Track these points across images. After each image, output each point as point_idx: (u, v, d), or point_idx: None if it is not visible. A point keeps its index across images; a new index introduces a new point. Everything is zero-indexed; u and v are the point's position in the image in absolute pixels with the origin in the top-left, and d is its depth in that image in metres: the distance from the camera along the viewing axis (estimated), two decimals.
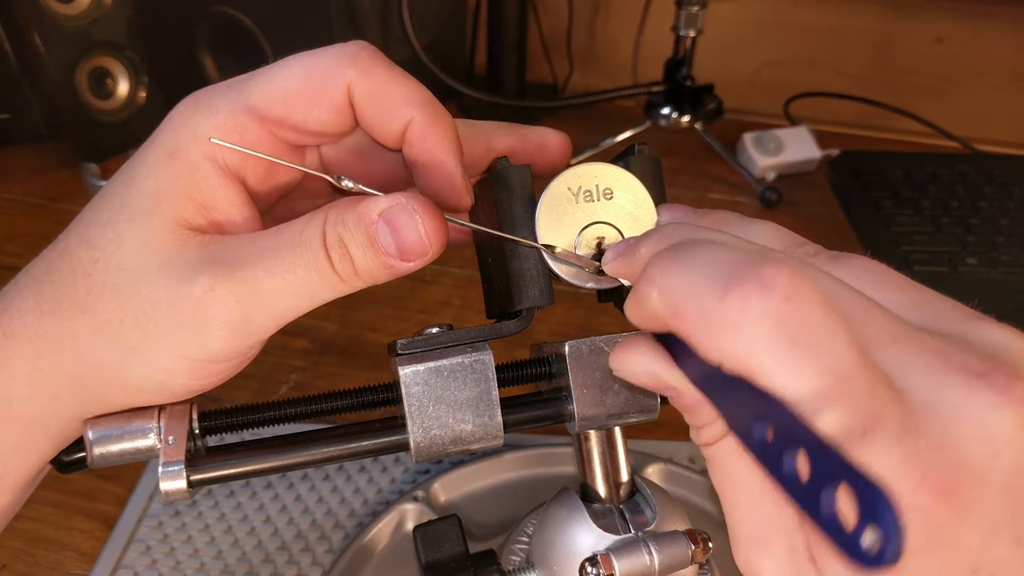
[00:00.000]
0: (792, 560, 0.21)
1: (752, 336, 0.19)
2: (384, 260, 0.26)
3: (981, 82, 0.93)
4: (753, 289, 0.19)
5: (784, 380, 0.18)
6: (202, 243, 0.27)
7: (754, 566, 0.22)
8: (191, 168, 0.27)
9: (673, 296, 0.21)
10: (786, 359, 0.19)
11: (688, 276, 0.21)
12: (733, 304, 0.19)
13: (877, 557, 0.15)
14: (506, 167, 0.29)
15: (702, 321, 0.20)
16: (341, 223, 0.26)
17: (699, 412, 0.23)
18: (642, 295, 0.22)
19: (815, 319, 0.19)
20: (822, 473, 0.17)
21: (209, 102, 0.27)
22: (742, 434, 0.20)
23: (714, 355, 0.20)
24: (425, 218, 0.26)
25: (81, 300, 0.27)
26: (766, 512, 0.22)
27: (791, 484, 0.18)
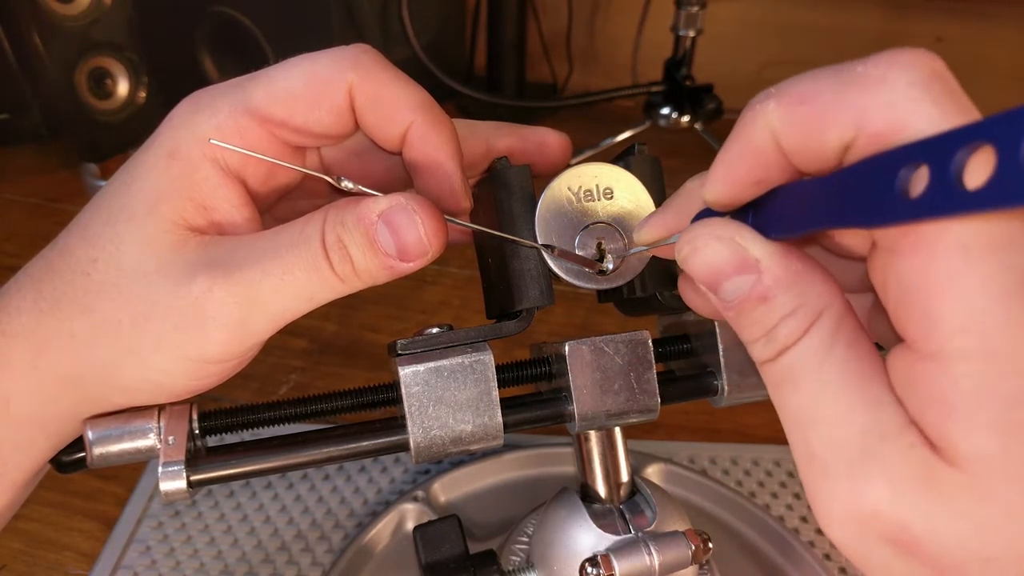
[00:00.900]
0: (910, 459, 0.18)
1: (907, 82, 0.18)
2: (384, 261, 0.26)
3: (981, 82, 0.93)
4: (899, 50, 0.18)
5: (944, 123, 0.17)
6: (201, 244, 0.27)
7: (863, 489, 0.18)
8: (191, 168, 0.27)
9: (798, 87, 0.19)
10: (945, 103, 0.17)
11: (812, 73, 0.19)
12: (880, 60, 0.18)
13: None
14: (506, 167, 0.29)
15: (840, 88, 0.18)
16: (340, 224, 0.26)
17: (778, 298, 0.20)
18: (752, 112, 0.20)
19: (957, 85, 0.18)
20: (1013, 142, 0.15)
21: (210, 102, 0.27)
22: (875, 213, 0.18)
23: (851, 119, 0.18)
24: (425, 218, 0.26)
25: (80, 300, 0.27)
26: (869, 418, 0.19)
27: (958, 200, 0.15)
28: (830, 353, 0.20)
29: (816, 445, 0.20)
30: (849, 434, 0.19)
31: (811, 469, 0.20)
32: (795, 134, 0.19)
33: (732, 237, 0.21)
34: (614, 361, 0.30)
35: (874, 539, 0.19)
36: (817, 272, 0.21)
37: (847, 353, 0.20)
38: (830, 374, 0.19)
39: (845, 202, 0.19)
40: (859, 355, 0.20)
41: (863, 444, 0.19)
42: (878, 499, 0.18)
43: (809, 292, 0.20)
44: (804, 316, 0.20)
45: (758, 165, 0.20)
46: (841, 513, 0.19)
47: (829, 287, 0.20)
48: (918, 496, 0.18)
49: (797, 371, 0.20)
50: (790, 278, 0.20)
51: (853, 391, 0.19)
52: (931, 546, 0.18)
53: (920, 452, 0.18)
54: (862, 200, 0.18)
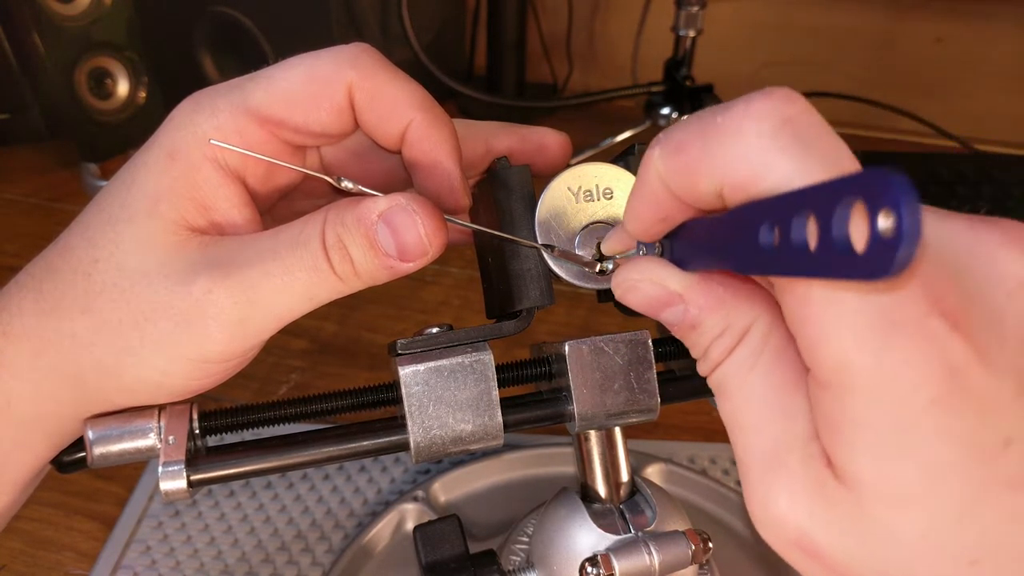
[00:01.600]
0: (807, 469, 0.20)
1: (756, 132, 0.18)
2: (384, 261, 0.26)
3: (981, 82, 0.93)
4: (756, 96, 0.19)
5: (791, 170, 0.18)
6: (201, 244, 0.27)
7: (770, 500, 0.20)
8: (191, 168, 0.27)
9: (675, 136, 0.21)
10: (792, 150, 0.18)
11: (687, 120, 0.21)
12: (736, 110, 0.19)
13: (895, 240, 0.14)
14: (506, 167, 0.29)
15: (705, 140, 0.20)
16: (340, 224, 0.26)
17: (706, 322, 0.22)
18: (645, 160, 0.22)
19: (817, 123, 0.18)
20: (832, 205, 0.15)
21: (210, 103, 0.27)
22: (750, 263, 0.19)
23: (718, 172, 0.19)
24: (425, 218, 0.26)
25: (80, 300, 0.27)
26: (780, 428, 0.20)
27: (805, 259, 0.16)
28: (753, 367, 0.21)
29: (740, 451, 0.22)
30: (764, 442, 0.21)
31: (740, 473, 0.22)
32: (676, 182, 0.21)
33: (651, 277, 0.23)
34: (614, 361, 0.30)
35: (786, 543, 0.20)
36: (743, 292, 0.22)
37: (771, 367, 0.21)
38: (752, 386, 0.21)
39: (727, 248, 0.20)
40: (783, 368, 0.21)
41: (774, 452, 0.20)
42: (782, 507, 0.20)
43: (734, 313, 0.22)
44: (730, 335, 0.22)
45: (658, 206, 0.22)
46: (760, 516, 0.21)
47: (755, 304, 0.22)
48: (815, 507, 0.19)
49: (727, 383, 0.22)
50: (713, 304, 0.22)
51: (771, 402, 0.21)
52: (831, 556, 0.19)
53: (816, 465, 0.19)
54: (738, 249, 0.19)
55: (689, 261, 0.23)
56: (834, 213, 0.15)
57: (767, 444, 0.21)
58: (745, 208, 0.19)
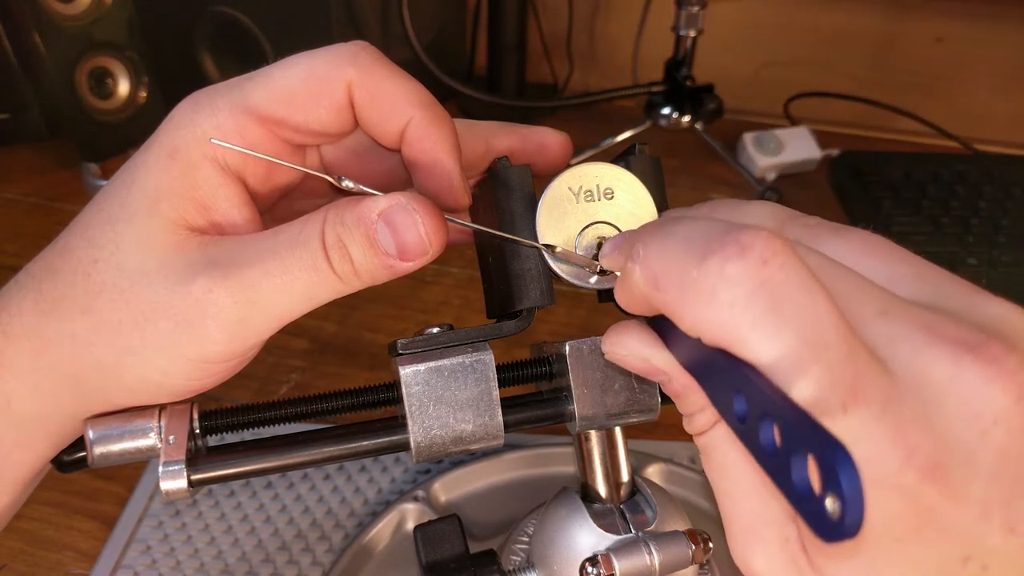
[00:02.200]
0: (784, 551, 0.21)
1: (728, 301, 0.19)
2: (384, 260, 0.26)
3: (981, 82, 0.93)
4: (731, 253, 0.19)
5: (758, 345, 0.18)
6: (201, 244, 0.27)
7: (748, 559, 0.22)
8: (191, 168, 0.27)
9: (653, 268, 0.21)
10: (761, 323, 0.18)
11: (668, 248, 0.21)
12: (710, 269, 0.19)
13: (839, 525, 0.15)
14: (506, 167, 0.29)
15: (681, 291, 0.20)
16: (340, 223, 0.26)
17: (689, 398, 0.23)
18: (627, 273, 0.22)
19: (792, 284, 0.18)
20: (793, 442, 0.16)
21: (209, 102, 0.27)
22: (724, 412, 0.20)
23: (692, 326, 0.20)
24: (425, 218, 0.26)
25: (80, 300, 0.27)
26: (758, 504, 0.22)
27: (768, 458, 0.17)
28: (733, 446, 0.22)
29: (720, 508, 0.23)
30: (742, 511, 0.22)
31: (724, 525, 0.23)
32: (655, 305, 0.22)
33: (636, 353, 0.25)
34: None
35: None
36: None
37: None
38: (733, 461, 0.22)
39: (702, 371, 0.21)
40: None
41: (751, 523, 0.22)
42: (759, 567, 0.22)
43: None
44: (711, 414, 0.23)
45: (642, 304, 0.23)
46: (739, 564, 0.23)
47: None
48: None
49: (709, 451, 0.23)
50: (696, 384, 0.23)
51: (750, 479, 0.22)
52: None
53: (792, 548, 0.21)
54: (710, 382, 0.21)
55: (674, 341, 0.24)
56: (792, 456, 0.16)
57: (745, 514, 0.22)
58: (721, 364, 0.19)
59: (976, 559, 0.18)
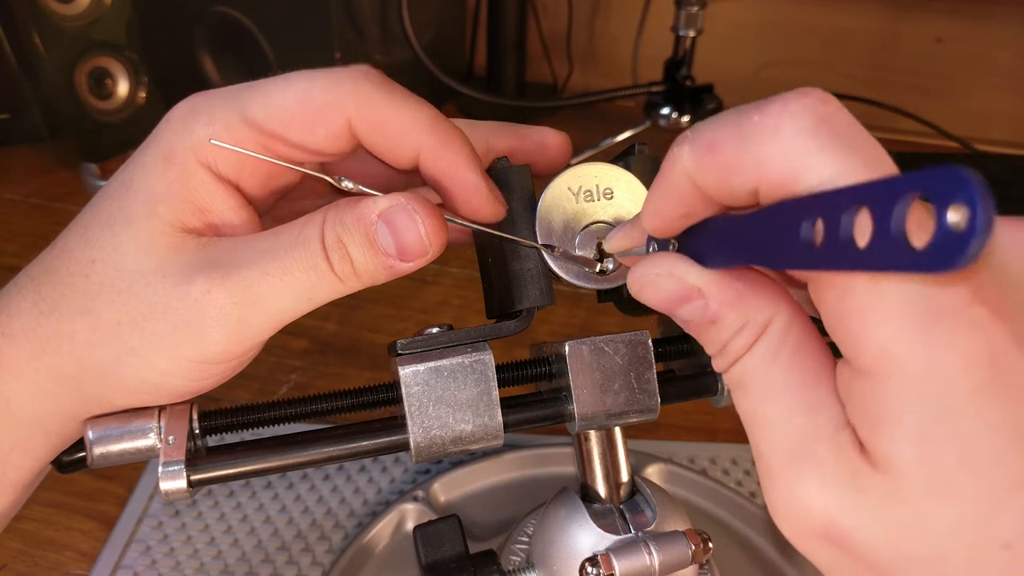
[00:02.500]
0: (838, 457, 0.19)
1: (795, 130, 0.19)
2: (383, 260, 0.26)
3: (981, 82, 0.93)
4: (792, 95, 0.19)
5: (830, 168, 0.18)
6: (200, 245, 0.27)
7: (796, 487, 0.20)
8: (186, 173, 0.27)
9: (707, 135, 0.21)
10: (832, 146, 0.18)
11: (719, 118, 0.21)
12: (773, 108, 0.19)
13: (970, 232, 0.14)
14: (506, 167, 0.29)
15: (740, 139, 0.20)
16: (340, 224, 0.26)
17: (726, 317, 0.22)
18: (671, 158, 0.21)
19: (852, 123, 0.19)
20: (890, 202, 0.15)
21: (207, 109, 0.27)
22: (788, 260, 0.19)
23: (755, 168, 0.19)
24: (425, 218, 0.26)
25: (79, 301, 0.27)
26: (806, 421, 0.20)
27: (857, 255, 0.16)
28: (774, 361, 0.21)
29: (761, 445, 0.21)
30: (787, 435, 0.21)
31: (760, 468, 0.22)
32: (707, 179, 0.21)
33: (671, 272, 0.23)
34: (614, 361, 0.30)
35: (812, 536, 0.20)
36: (761, 287, 0.22)
37: (791, 360, 0.21)
38: (774, 380, 0.21)
39: (759, 245, 0.20)
40: (804, 361, 0.21)
41: (799, 444, 0.20)
42: (810, 496, 0.20)
43: (753, 308, 0.22)
44: (751, 330, 0.22)
45: (681, 202, 0.22)
46: (782, 510, 0.21)
47: (775, 299, 0.22)
48: (846, 494, 0.19)
49: (746, 378, 0.22)
50: (733, 299, 0.22)
51: (794, 395, 0.21)
52: (860, 544, 0.19)
53: (849, 454, 0.19)
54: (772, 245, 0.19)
55: (707, 258, 0.23)
56: (893, 209, 0.15)
57: (791, 436, 0.20)
58: (785, 205, 0.19)
59: None
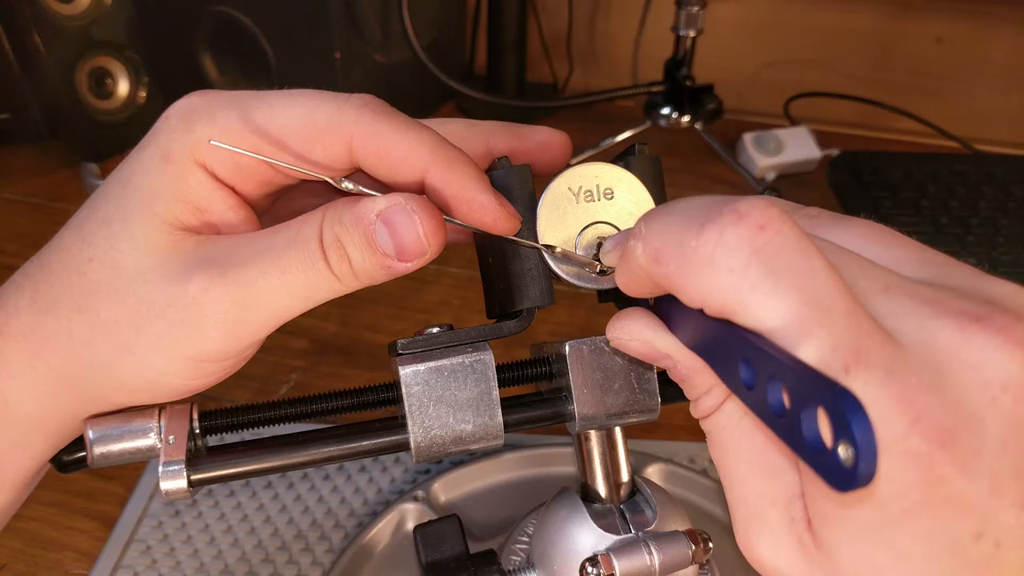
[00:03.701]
0: (790, 532, 0.21)
1: (727, 267, 0.19)
2: (382, 260, 0.26)
3: (981, 82, 0.93)
4: (728, 220, 0.19)
5: (759, 310, 0.18)
6: (198, 243, 0.27)
7: (753, 541, 0.22)
8: (184, 172, 0.27)
9: (654, 243, 0.21)
10: (760, 287, 0.18)
11: (668, 223, 0.21)
12: (709, 237, 0.19)
13: (853, 471, 0.15)
14: (506, 167, 0.29)
15: (681, 262, 0.20)
16: (339, 223, 0.26)
17: (694, 381, 0.24)
18: (629, 251, 0.23)
19: (790, 249, 0.19)
20: (803, 399, 0.16)
21: (208, 110, 0.27)
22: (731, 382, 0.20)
23: (695, 295, 0.20)
24: (424, 218, 0.26)
25: (76, 299, 0.27)
26: (763, 485, 0.22)
27: (778, 420, 0.17)
28: (739, 424, 0.23)
29: (726, 492, 0.23)
30: (747, 493, 0.22)
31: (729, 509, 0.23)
32: (658, 283, 0.22)
33: (642, 338, 0.25)
34: (614, 361, 0.30)
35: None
36: None
37: (755, 427, 0.23)
38: (738, 442, 0.23)
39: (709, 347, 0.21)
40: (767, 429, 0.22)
41: (756, 505, 0.22)
42: (764, 551, 0.22)
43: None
44: (716, 395, 0.23)
45: (644, 283, 0.23)
46: (745, 552, 0.23)
47: None
48: (793, 560, 0.21)
49: (715, 433, 0.24)
50: (700, 366, 0.23)
51: (755, 460, 0.22)
52: None
53: (798, 528, 0.21)
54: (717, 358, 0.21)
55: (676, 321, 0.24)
56: (802, 413, 0.16)
57: (751, 495, 0.22)
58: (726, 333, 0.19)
59: (989, 536, 0.18)
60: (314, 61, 0.82)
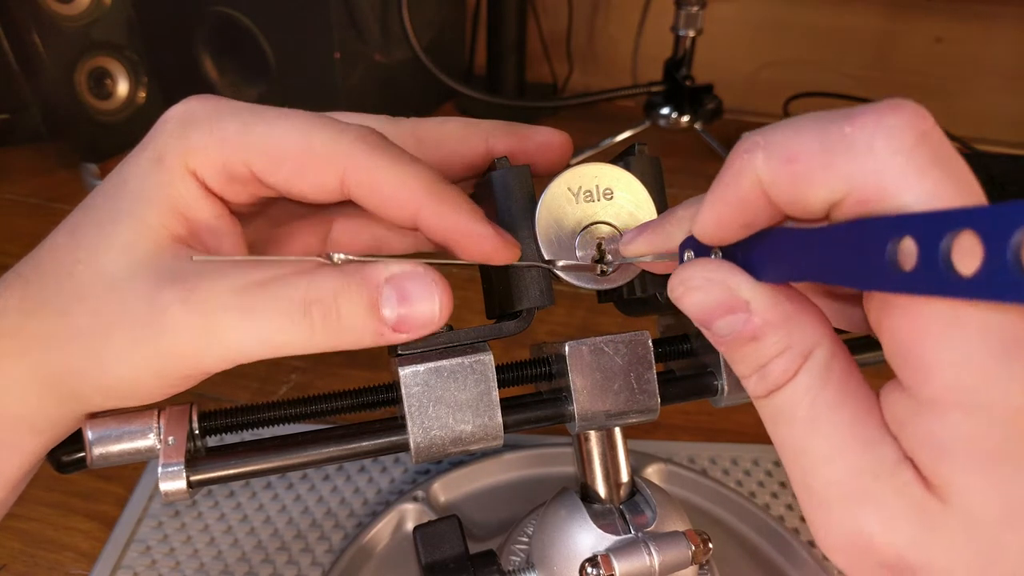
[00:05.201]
0: (904, 499, 0.19)
1: (891, 149, 0.18)
2: (378, 326, 0.25)
3: (981, 82, 0.93)
4: (886, 108, 0.18)
5: (922, 191, 0.17)
6: (178, 256, 0.27)
7: (858, 522, 0.19)
8: (174, 178, 0.27)
9: (786, 142, 0.19)
10: (928, 170, 0.17)
11: (796, 125, 0.19)
12: (867, 121, 0.18)
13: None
14: (506, 167, 0.29)
15: (825, 153, 0.18)
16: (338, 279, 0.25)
17: (768, 336, 0.21)
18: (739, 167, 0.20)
19: (946, 142, 0.18)
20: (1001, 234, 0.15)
21: (207, 121, 0.27)
22: (859, 276, 0.18)
23: (841, 186, 0.18)
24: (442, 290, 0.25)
25: (61, 301, 0.27)
26: (861, 460, 0.20)
27: (947, 281, 0.16)
28: (821, 393, 0.20)
29: (812, 480, 0.20)
30: (843, 473, 0.20)
31: (809, 501, 0.21)
32: (783, 190, 0.20)
33: (722, 280, 0.22)
34: (614, 361, 0.30)
35: (875, 567, 0.20)
36: (808, 312, 0.21)
37: (838, 393, 0.20)
38: (822, 414, 0.20)
39: (834, 260, 0.19)
40: (850, 394, 0.20)
41: (857, 483, 0.20)
42: (873, 532, 0.19)
43: (799, 332, 0.21)
44: (793, 356, 0.21)
45: (747, 211, 0.21)
46: (838, 543, 0.20)
47: (820, 327, 0.21)
48: (913, 530, 0.19)
49: (789, 409, 0.21)
50: (779, 319, 0.21)
51: (845, 431, 0.20)
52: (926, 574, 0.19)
53: (914, 490, 0.19)
54: (850, 262, 0.18)
55: (755, 271, 0.22)
56: (1011, 236, 0.15)
57: (846, 472, 0.20)
58: (873, 222, 0.18)
59: None
60: (314, 61, 0.82)
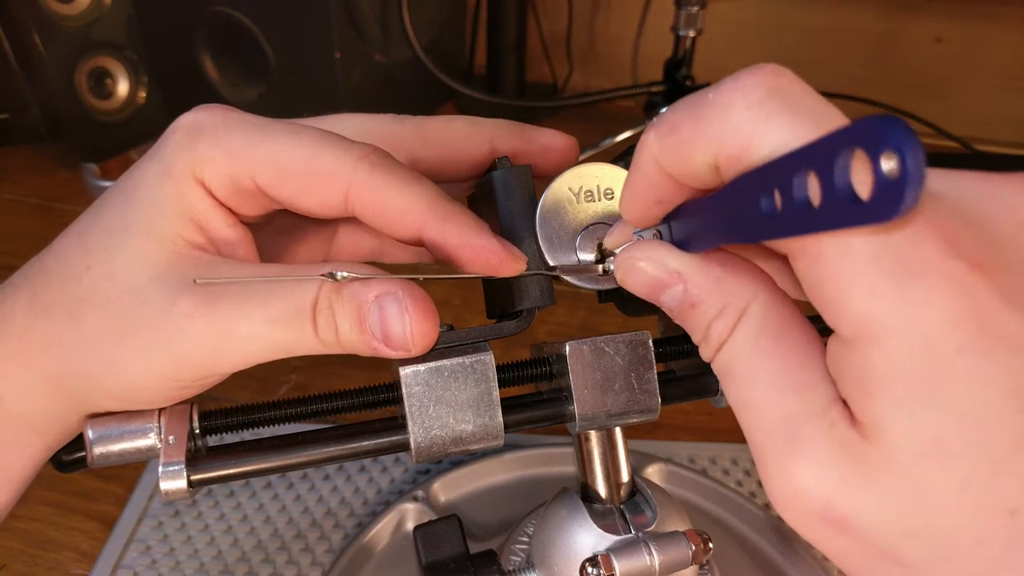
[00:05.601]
0: (831, 440, 0.19)
1: (745, 105, 0.19)
2: (368, 341, 0.26)
3: (981, 82, 0.93)
4: (744, 72, 0.19)
5: (778, 134, 0.18)
6: (196, 265, 0.27)
7: (792, 471, 0.19)
8: (184, 190, 0.27)
9: (668, 119, 0.21)
10: (780, 116, 0.18)
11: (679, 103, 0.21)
12: (725, 87, 0.19)
13: (902, 179, 0.14)
14: (507, 167, 0.29)
15: (697, 118, 0.20)
16: (336, 292, 0.26)
17: (706, 301, 0.22)
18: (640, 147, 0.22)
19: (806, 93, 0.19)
20: (833, 156, 0.16)
21: (213, 132, 0.27)
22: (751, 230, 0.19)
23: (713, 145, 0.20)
24: (414, 316, 0.26)
25: (70, 306, 0.27)
26: (794, 404, 0.20)
27: (806, 217, 0.16)
28: (756, 344, 0.21)
29: (753, 432, 0.21)
30: (776, 418, 0.20)
31: (755, 456, 0.21)
32: (670, 160, 0.21)
33: (653, 256, 0.24)
34: (615, 361, 0.30)
35: (813, 520, 0.20)
36: (741, 272, 0.22)
37: (775, 343, 0.21)
38: (758, 364, 0.21)
39: (728, 221, 0.20)
40: (787, 343, 0.21)
41: (788, 428, 0.20)
42: (804, 479, 0.19)
43: (732, 292, 0.22)
44: (729, 315, 0.22)
45: (652, 188, 0.22)
46: (780, 497, 0.20)
47: (753, 282, 0.22)
48: (839, 472, 0.19)
49: (731, 365, 0.22)
50: (711, 283, 0.22)
51: (779, 378, 0.20)
52: (859, 523, 0.19)
53: (841, 429, 0.19)
54: (738, 219, 0.20)
55: (687, 243, 0.23)
56: (835, 165, 0.15)
57: (779, 420, 0.20)
58: (743, 178, 0.19)
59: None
60: (314, 61, 0.82)
